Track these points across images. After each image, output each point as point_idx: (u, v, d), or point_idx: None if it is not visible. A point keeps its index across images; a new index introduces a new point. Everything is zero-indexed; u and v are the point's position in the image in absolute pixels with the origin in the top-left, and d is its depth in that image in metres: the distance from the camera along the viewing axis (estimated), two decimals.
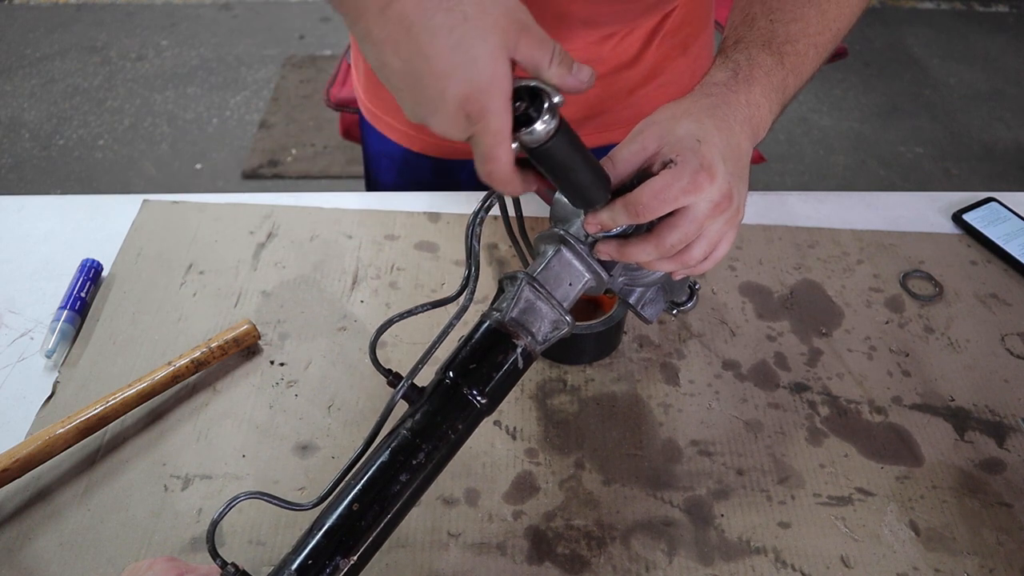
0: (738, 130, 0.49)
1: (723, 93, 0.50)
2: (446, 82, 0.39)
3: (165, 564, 0.46)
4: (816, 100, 2.61)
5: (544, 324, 0.49)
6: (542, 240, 0.53)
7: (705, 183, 0.46)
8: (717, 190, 0.47)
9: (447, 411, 0.45)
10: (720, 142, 0.47)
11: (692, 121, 0.48)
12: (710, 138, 0.47)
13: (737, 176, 0.48)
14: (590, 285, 0.52)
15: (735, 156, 0.49)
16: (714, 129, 0.48)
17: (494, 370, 0.46)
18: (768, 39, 0.53)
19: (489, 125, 0.40)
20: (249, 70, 2.73)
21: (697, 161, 0.46)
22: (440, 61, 0.39)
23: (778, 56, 0.53)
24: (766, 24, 0.54)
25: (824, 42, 0.56)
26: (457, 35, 0.38)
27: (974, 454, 0.63)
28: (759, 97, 0.51)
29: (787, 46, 0.53)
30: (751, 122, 0.51)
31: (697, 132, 0.47)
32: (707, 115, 0.49)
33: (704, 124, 0.48)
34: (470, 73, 0.39)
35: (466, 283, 0.49)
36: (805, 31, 0.54)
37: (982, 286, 0.76)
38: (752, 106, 0.51)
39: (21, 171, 2.29)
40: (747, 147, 0.50)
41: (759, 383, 0.67)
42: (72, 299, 0.70)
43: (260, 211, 0.82)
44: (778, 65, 0.52)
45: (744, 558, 0.56)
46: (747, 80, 0.51)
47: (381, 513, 0.43)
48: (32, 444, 0.58)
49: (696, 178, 0.45)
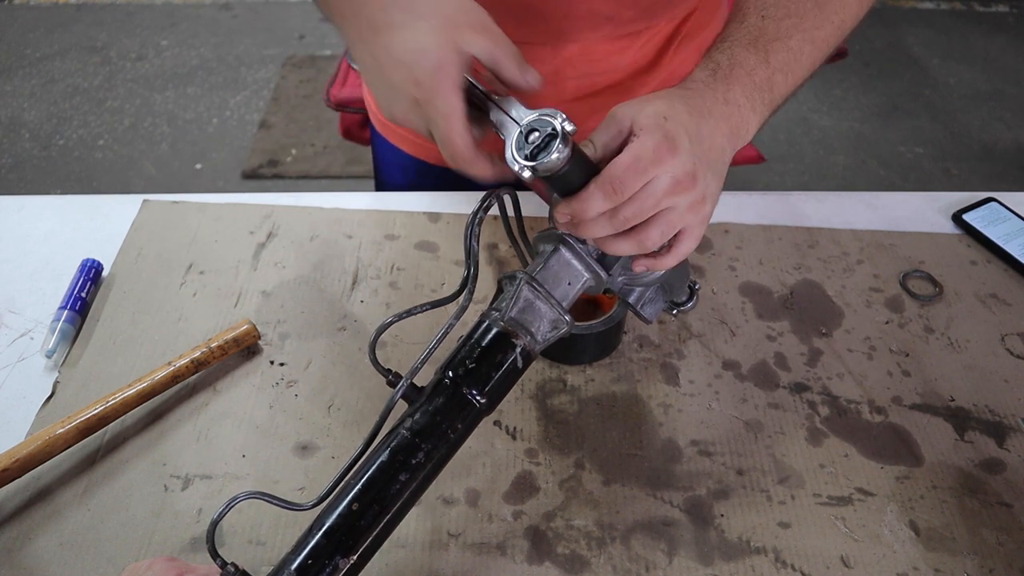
0: (712, 124, 0.48)
1: (700, 90, 0.50)
2: (399, 71, 0.45)
3: (164, 564, 0.46)
4: (816, 100, 2.61)
5: (543, 323, 0.49)
6: (541, 240, 0.53)
7: (666, 155, 0.45)
8: (680, 165, 0.45)
9: (446, 411, 0.45)
10: (688, 122, 0.47)
11: (662, 101, 0.47)
12: (676, 116, 0.46)
13: (706, 163, 0.47)
14: (589, 284, 0.52)
15: (705, 145, 0.48)
16: (684, 112, 0.47)
17: (493, 370, 0.46)
18: (755, 37, 0.52)
19: (438, 108, 0.45)
20: (249, 70, 2.73)
21: (660, 133, 0.45)
22: (395, 53, 0.45)
23: (763, 54, 0.51)
24: (756, 21, 0.53)
25: (824, 36, 0.54)
26: (410, 31, 0.45)
27: (974, 454, 0.63)
28: (739, 96, 0.50)
29: (776, 43, 0.52)
30: (729, 120, 0.50)
31: (665, 110, 0.46)
32: (679, 99, 0.48)
33: (674, 104, 0.47)
34: (419, 61, 0.44)
35: (465, 283, 0.49)
36: (799, 26, 0.53)
37: (982, 286, 0.76)
38: (731, 104, 0.50)
39: (21, 171, 2.29)
40: (721, 142, 0.49)
41: (759, 383, 0.67)
42: (72, 299, 0.70)
43: (260, 211, 0.82)
44: (762, 63, 0.51)
45: (744, 558, 0.56)
46: (726, 79, 0.50)
47: (381, 513, 0.43)
48: (32, 444, 0.58)
49: (658, 149, 0.45)
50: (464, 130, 0.45)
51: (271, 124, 2.47)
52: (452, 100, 0.45)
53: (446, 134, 0.46)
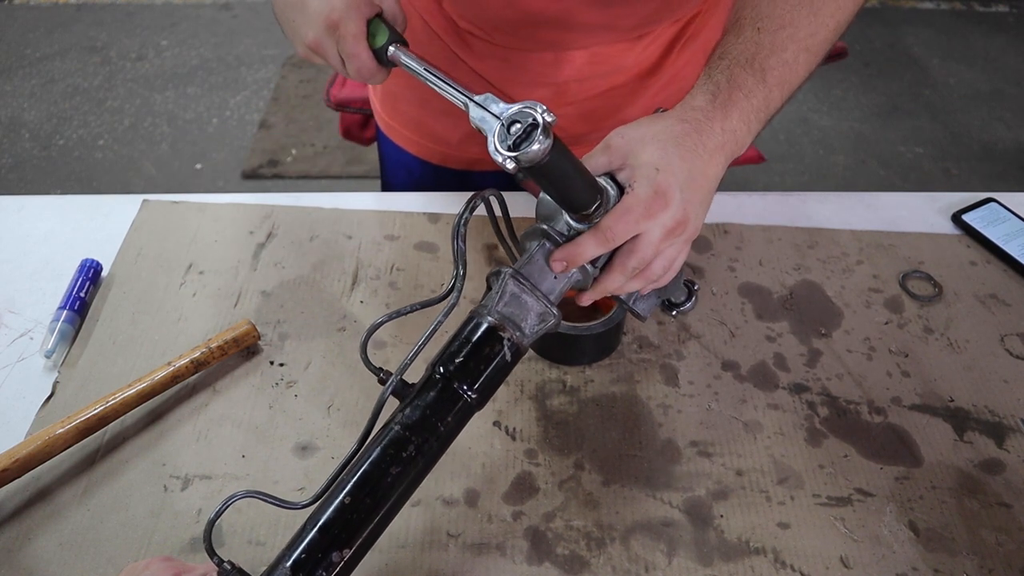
0: (706, 158, 0.51)
1: (698, 120, 0.52)
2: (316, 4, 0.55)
3: (161, 564, 0.46)
4: (816, 100, 2.61)
5: (530, 317, 0.49)
6: (527, 237, 0.54)
7: (658, 210, 0.49)
8: (671, 217, 0.49)
9: (437, 405, 0.46)
10: (681, 171, 0.50)
11: (657, 148, 0.50)
12: (670, 167, 0.49)
13: (696, 203, 0.51)
14: (576, 279, 0.53)
15: (697, 184, 0.51)
16: (677, 158, 0.50)
17: (483, 364, 0.47)
18: (752, 54, 0.53)
19: (348, 29, 0.55)
20: (249, 70, 2.73)
21: (652, 188, 0.49)
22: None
23: (760, 74, 0.53)
24: (752, 34, 0.54)
25: (818, 43, 0.55)
26: None
27: (973, 454, 0.63)
28: (736, 123, 0.52)
29: (772, 59, 0.53)
30: (724, 149, 0.52)
31: (658, 161, 0.50)
32: (674, 144, 0.50)
33: (668, 152, 0.50)
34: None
35: (454, 283, 0.49)
36: (794, 36, 0.54)
37: (982, 286, 0.76)
38: (727, 132, 0.52)
39: (21, 171, 2.29)
40: (715, 172, 0.52)
41: (758, 384, 0.67)
42: (72, 299, 0.70)
43: (260, 211, 0.82)
44: (760, 84, 0.52)
45: (743, 558, 0.56)
46: (724, 105, 0.52)
47: (374, 507, 0.43)
48: (32, 444, 0.58)
49: (651, 205, 0.49)
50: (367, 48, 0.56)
51: (271, 124, 2.47)
52: (358, 24, 0.55)
53: (352, 49, 0.56)
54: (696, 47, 0.81)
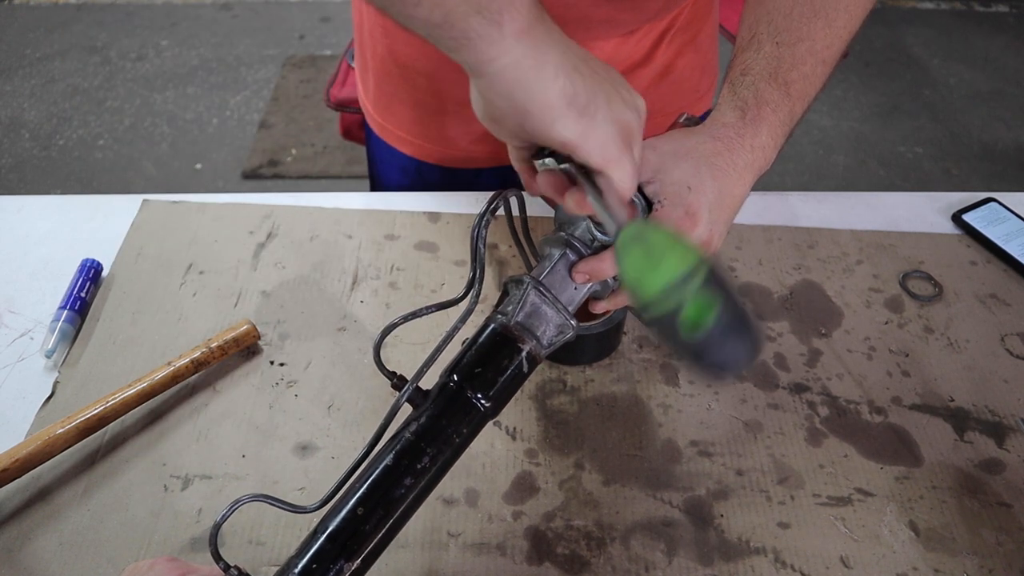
0: (736, 177, 0.52)
1: (729, 138, 0.52)
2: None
3: (167, 564, 0.46)
4: (816, 100, 2.61)
5: (549, 328, 0.49)
6: (547, 243, 0.53)
7: (686, 230, 0.49)
8: (697, 236, 0.50)
9: (451, 415, 0.45)
10: (711, 191, 0.50)
11: (690, 166, 0.50)
12: (701, 186, 0.50)
13: (721, 222, 0.52)
14: (595, 289, 0.52)
15: (725, 204, 0.51)
16: (709, 178, 0.50)
17: (499, 374, 0.46)
18: (775, 69, 0.54)
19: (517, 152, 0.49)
20: (249, 70, 2.73)
21: (683, 208, 0.49)
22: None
23: (784, 87, 0.53)
24: (772, 49, 0.54)
25: (832, 55, 0.56)
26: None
27: (974, 454, 0.63)
28: (765, 139, 0.53)
29: (793, 72, 0.54)
30: (753, 166, 0.53)
31: (690, 179, 0.50)
32: (706, 163, 0.51)
33: (700, 172, 0.50)
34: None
35: (471, 285, 0.48)
36: (812, 49, 0.54)
37: (982, 286, 0.76)
38: (756, 149, 0.53)
39: (21, 171, 2.29)
40: (743, 190, 0.53)
41: (758, 384, 0.67)
42: (72, 299, 0.71)
43: (260, 211, 0.82)
44: (784, 98, 0.53)
45: (744, 558, 0.56)
46: (754, 121, 0.53)
47: (385, 517, 0.43)
48: (32, 444, 0.58)
49: (679, 224, 0.49)
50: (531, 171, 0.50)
51: (271, 124, 2.47)
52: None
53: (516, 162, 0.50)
54: (684, 39, 0.82)
